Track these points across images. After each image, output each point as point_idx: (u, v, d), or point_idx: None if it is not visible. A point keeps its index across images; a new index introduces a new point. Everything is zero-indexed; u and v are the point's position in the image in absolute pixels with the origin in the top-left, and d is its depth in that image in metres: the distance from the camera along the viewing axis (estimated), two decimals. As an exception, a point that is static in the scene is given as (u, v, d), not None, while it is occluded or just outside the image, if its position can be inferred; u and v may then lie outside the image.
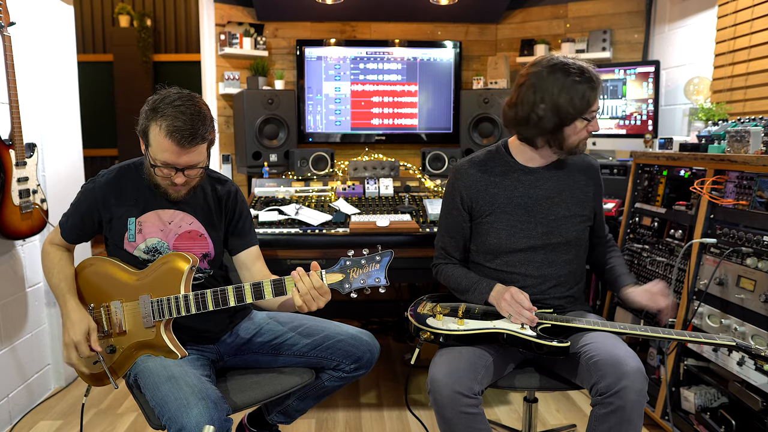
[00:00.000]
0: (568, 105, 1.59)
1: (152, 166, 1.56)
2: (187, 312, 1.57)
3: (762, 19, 2.50)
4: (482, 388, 1.51)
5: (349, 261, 1.51)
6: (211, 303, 1.56)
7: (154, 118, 1.50)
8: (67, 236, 1.73)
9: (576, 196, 1.76)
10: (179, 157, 1.52)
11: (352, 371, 1.72)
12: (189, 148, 1.50)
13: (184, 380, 1.45)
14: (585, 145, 1.71)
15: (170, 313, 1.58)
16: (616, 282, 1.79)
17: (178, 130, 1.48)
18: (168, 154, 1.51)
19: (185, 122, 1.48)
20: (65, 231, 1.72)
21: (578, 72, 1.59)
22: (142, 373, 1.55)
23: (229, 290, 1.57)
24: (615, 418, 1.41)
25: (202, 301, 1.57)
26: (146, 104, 1.54)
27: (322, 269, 1.52)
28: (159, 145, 1.51)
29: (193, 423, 1.33)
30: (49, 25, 2.63)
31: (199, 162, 1.57)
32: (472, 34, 3.84)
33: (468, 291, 1.73)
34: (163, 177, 1.57)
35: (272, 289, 1.55)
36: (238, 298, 1.57)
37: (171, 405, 1.38)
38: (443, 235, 1.84)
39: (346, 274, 1.50)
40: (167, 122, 1.48)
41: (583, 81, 1.59)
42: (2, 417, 2.33)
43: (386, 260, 1.49)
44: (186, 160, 1.53)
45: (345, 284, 1.50)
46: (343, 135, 3.71)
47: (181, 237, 1.69)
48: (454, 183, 1.79)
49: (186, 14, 6.24)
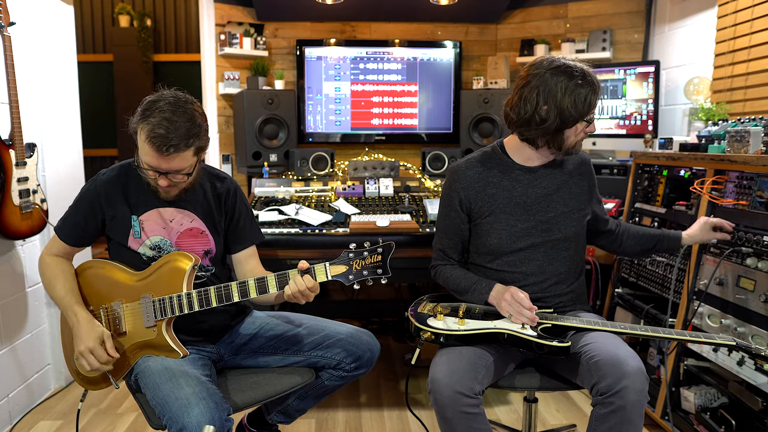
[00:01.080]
0: (571, 108, 1.59)
1: (141, 166, 1.57)
2: (189, 309, 1.57)
3: (762, 19, 2.50)
4: (483, 388, 1.51)
5: (352, 253, 1.54)
6: (215, 299, 1.57)
7: (141, 121, 1.51)
8: (67, 238, 1.69)
9: (573, 191, 1.77)
10: (160, 163, 1.53)
11: (352, 370, 1.72)
12: (168, 155, 1.50)
13: (185, 380, 1.45)
14: (581, 146, 1.72)
15: (172, 312, 1.58)
16: (668, 240, 1.86)
17: (158, 137, 1.48)
18: (150, 158, 1.53)
19: (167, 130, 1.48)
20: (65, 233, 1.69)
21: (581, 75, 1.60)
22: (143, 374, 1.55)
23: (233, 286, 1.57)
24: (615, 418, 1.41)
25: (205, 297, 1.57)
26: (141, 104, 1.54)
27: (326, 261, 1.54)
28: (142, 149, 1.53)
29: (194, 423, 1.33)
30: (49, 25, 2.63)
31: (183, 168, 1.56)
32: (472, 34, 3.84)
33: (467, 291, 1.73)
34: (150, 178, 1.59)
35: (276, 283, 1.55)
36: (241, 293, 1.57)
37: (172, 405, 1.38)
38: (441, 237, 1.84)
39: (349, 265, 1.53)
40: (149, 128, 1.48)
41: (585, 84, 1.59)
42: (2, 417, 2.33)
43: (388, 252, 1.53)
44: (166, 166, 1.53)
45: (349, 275, 1.53)
46: (343, 135, 3.71)
47: (182, 235, 1.69)
48: (451, 185, 1.79)
49: (186, 14, 6.24)
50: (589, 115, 1.63)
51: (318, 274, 1.54)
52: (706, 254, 2.03)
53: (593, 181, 1.84)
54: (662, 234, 1.87)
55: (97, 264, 1.69)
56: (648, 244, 1.88)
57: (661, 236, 1.87)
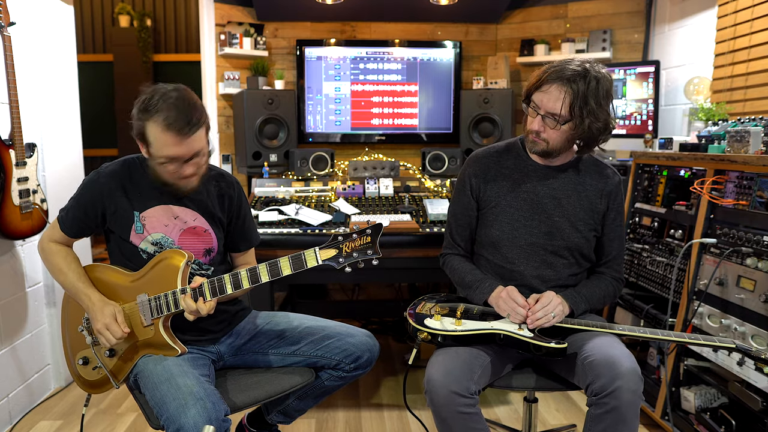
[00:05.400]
0: (611, 112, 1.62)
1: (160, 164, 1.55)
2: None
3: (762, 19, 2.50)
4: (479, 388, 1.51)
5: (341, 236, 1.50)
6: (209, 292, 1.55)
7: (147, 118, 1.50)
8: (67, 230, 1.69)
9: (584, 203, 1.72)
10: (181, 148, 1.52)
11: (351, 371, 1.72)
12: (189, 136, 1.51)
13: (182, 380, 1.45)
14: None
15: (168, 309, 1.57)
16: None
17: (175, 121, 1.48)
18: (171, 148, 1.51)
19: (179, 112, 1.49)
20: (65, 224, 1.69)
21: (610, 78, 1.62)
22: (142, 374, 1.56)
23: (226, 278, 1.55)
24: (610, 418, 1.41)
25: (199, 291, 1.56)
26: (135, 107, 1.53)
27: (315, 246, 1.50)
28: (160, 141, 1.51)
29: (191, 423, 1.33)
30: (49, 25, 2.63)
31: (202, 148, 1.57)
32: (472, 34, 3.83)
33: (470, 287, 1.73)
34: (171, 173, 1.57)
35: (290, 264, 1.52)
36: (234, 285, 1.55)
37: (169, 405, 1.39)
38: (451, 222, 1.85)
39: (338, 249, 1.50)
40: (162, 117, 1.48)
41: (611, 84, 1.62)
42: (2, 417, 2.33)
43: (377, 232, 1.50)
44: (188, 149, 1.53)
45: (339, 258, 1.50)
46: (343, 135, 3.71)
47: (185, 233, 1.68)
48: (465, 169, 1.82)
49: (186, 14, 6.24)
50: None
51: (308, 260, 1.50)
52: (706, 254, 2.03)
53: (615, 207, 1.74)
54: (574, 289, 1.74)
55: (92, 269, 1.69)
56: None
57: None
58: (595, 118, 1.57)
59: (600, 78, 1.57)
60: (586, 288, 1.72)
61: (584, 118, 1.56)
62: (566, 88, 1.55)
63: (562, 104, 1.56)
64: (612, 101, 1.62)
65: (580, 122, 1.57)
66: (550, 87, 1.57)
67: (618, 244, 1.77)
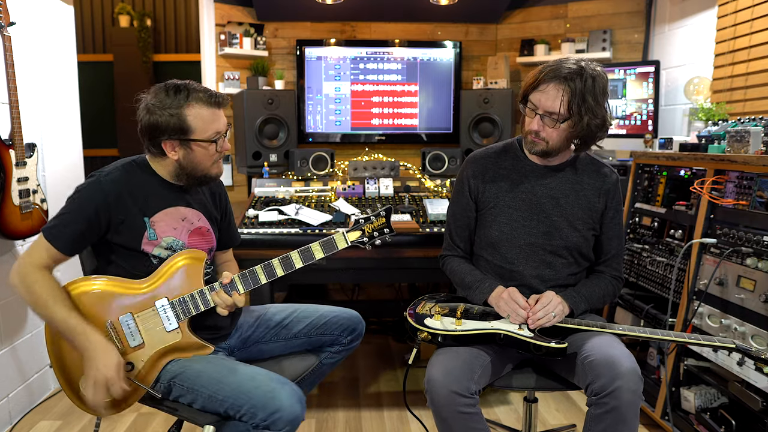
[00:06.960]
0: (608, 109, 1.63)
1: (208, 145, 1.57)
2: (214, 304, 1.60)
3: (762, 19, 2.50)
4: (479, 387, 1.51)
5: (362, 219, 1.68)
6: (241, 285, 1.60)
7: (184, 104, 1.53)
8: (65, 248, 1.51)
9: (582, 202, 1.72)
10: (223, 120, 1.60)
11: (349, 343, 1.85)
12: (225, 105, 1.61)
13: (249, 370, 1.51)
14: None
15: (196, 309, 1.57)
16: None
17: (212, 95, 1.55)
18: (218, 121, 1.58)
19: (205, 88, 1.56)
20: (61, 242, 1.50)
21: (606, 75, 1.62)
22: (184, 376, 1.52)
23: (258, 269, 1.61)
24: (610, 418, 1.41)
25: (231, 287, 1.59)
26: (158, 108, 1.51)
27: (342, 229, 1.69)
28: (208, 118, 1.55)
29: (288, 404, 1.40)
30: (49, 25, 2.63)
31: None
32: (472, 34, 3.83)
33: (470, 288, 1.73)
34: (216, 153, 1.61)
35: (322, 248, 1.63)
36: (287, 267, 1.62)
37: (253, 394, 1.43)
38: (450, 223, 1.86)
39: (362, 230, 1.67)
40: (200, 95, 1.54)
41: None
42: (2, 417, 2.33)
43: (389, 213, 1.70)
44: (225, 120, 1.61)
45: (363, 238, 1.68)
46: (343, 135, 3.71)
47: (193, 234, 1.67)
48: (463, 171, 1.82)
49: (186, 14, 6.23)
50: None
51: (338, 242, 1.64)
52: (706, 254, 2.03)
53: (614, 206, 1.74)
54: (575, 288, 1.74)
55: (82, 283, 1.55)
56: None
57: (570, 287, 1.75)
58: (593, 115, 1.57)
59: (596, 75, 1.57)
60: (585, 287, 1.72)
61: (582, 116, 1.56)
62: (563, 87, 1.55)
63: (560, 102, 1.56)
64: (608, 98, 1.62)
65: (578, 120, 1.57)
66: (548, 86, 1.58)
67: (617, 242, 1.77)
